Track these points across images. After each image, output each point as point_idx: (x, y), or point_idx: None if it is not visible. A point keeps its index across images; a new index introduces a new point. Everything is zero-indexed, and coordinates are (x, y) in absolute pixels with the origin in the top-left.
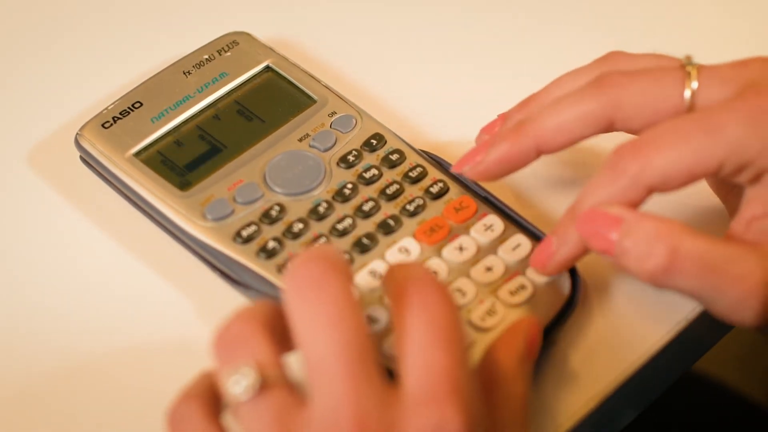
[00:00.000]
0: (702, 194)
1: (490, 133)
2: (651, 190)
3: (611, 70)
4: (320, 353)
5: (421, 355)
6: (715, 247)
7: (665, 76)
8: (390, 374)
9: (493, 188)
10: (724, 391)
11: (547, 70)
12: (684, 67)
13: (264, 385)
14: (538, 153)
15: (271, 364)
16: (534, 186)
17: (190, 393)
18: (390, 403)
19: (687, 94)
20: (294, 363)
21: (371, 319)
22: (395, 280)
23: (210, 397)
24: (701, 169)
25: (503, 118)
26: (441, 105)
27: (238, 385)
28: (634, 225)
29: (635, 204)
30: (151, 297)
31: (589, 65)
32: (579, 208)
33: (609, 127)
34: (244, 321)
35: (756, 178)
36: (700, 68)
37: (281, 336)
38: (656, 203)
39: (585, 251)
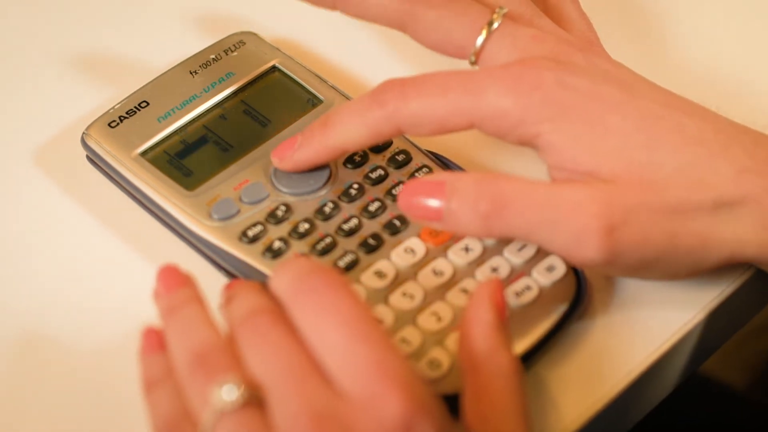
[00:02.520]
0: None
1: None
2: (400, 131)
3: None
4: (264, 376)
5: (343, 356)
6: (539, 183)
7: (468, 14)
8: None
9: None
10: (726, 393)
11: None
12: (491, 15)
13: (247, 402)
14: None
15: (252, 381)
16: None
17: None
18: (341, 407)
19: (479, 41)
20: None
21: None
22: (285, 289)
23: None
24: (452, 124)
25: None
26: None
27: (221, 398)
28: (456, 183)
29: (381, 137)
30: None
31: None
32: (329, 120)
33: (401, 29)
34: (212, 341)
35: (529, 142)
36: (504, 24)
37: None
38: None
39: (323, 160)
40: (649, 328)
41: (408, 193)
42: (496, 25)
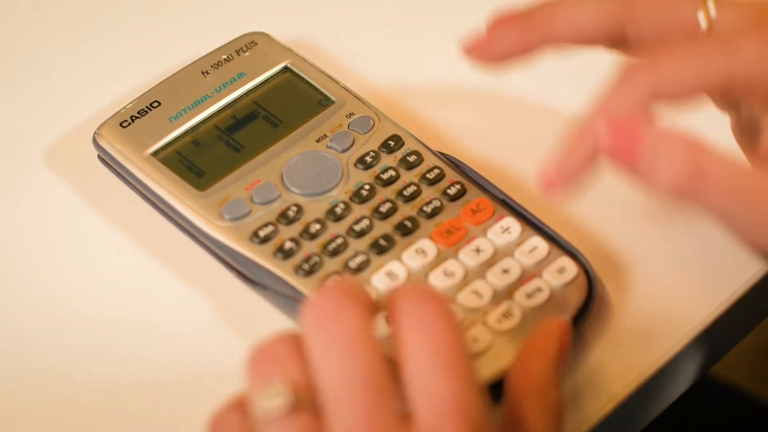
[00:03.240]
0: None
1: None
2: (658, 97)
3: None
4: (335, 383)
5: (424, 381)
6: (743, 167)
7: None
8: None
9: (511, 190)
10: (738, 395)
11: (567, 69)
12: None
13: (294, 407)
14: (545, 44)
15: (303, 387)
16: None
17: (235, 401)
18: (402, 427)
19: (702, 15)
20: None
21: (388, 321)
22: (393, 300)
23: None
24: (710, 81)
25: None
26: (459, 107)
27: (270, 401)
28: (662, 137)
29: (646, 111)
30: (168, 296)
31: None
32: (591, 114)
33: (620, 35)
34: (283, 342)
35: None
36: (718, 0)
37: None
38: None
39: (590, 164)
40: (661, 329)
41: (603, 130)
42: None
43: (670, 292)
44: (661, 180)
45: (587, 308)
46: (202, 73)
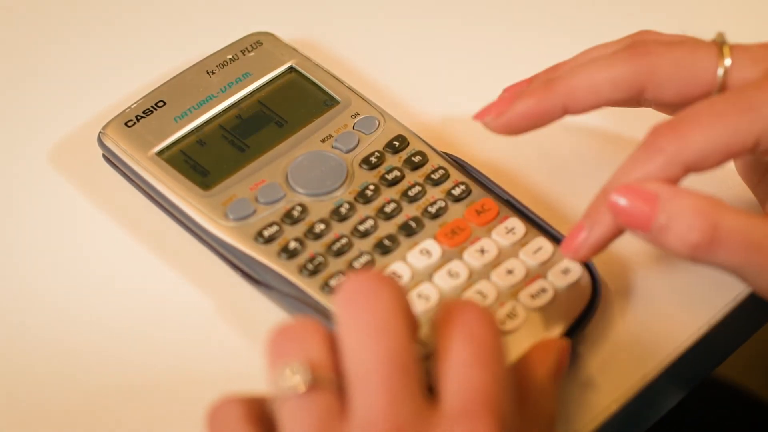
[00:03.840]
0: (731, 186)
1: (514, 91)
2: (688, 169)
3: (646, 38)
4: (362, 362)
5: (459, 372)
6: (757, 223)
7: (699, 50)
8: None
9: (515, 191)
10: (742, 395)
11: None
12: (717, 44)
13: (313, 385)
14: (565, 111)
15: (323, 366)
16: (556, 189)
17: (233, 395)
18: (427, 418)
19: (720, 70)
20: None
21: None
22: (442, 309)
23: (253, 402)
24: (738, 147)
25: (529, 80)
26: (465, 107)
27: (288, 379)
28: (672, 200)
29: (672, 184)
30: (173, 296)
31: (620, 39)
32: (612, 187)
33: (638, 95)
34: (304, 323)
35: None
36: (733, 47)
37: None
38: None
39: (617, 233)
40: (666, 330)
41: (617, 196)
42: (727, 47)
43: (673, 294)
44: (675, 245)
45: (591, 309)
46: (208, 72)
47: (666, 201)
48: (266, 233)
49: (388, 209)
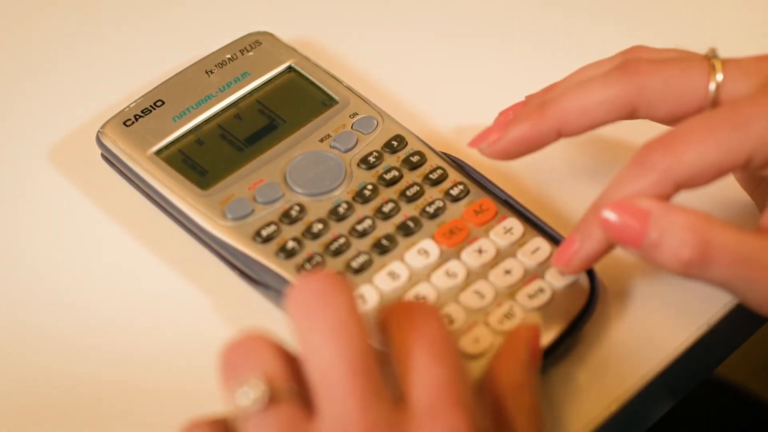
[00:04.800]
0: (731, 189)
1: (508, 116)
2: (679, 186)
3: (637, 57)
4: (325, 366)
5: (423, 372)
6: (747, 239)
7: (691, 67)
8: None
9: (514, 191)
10: (742, 396)
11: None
12: (709, 60)
13: (273, 398)
14: (559, 135)
15: (280, 377)
16: (555, 189)
17: (200, 418)
18: (398, 419)
19: (712, 86)
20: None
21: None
22: (385, 312)
23: (220, 424)
24: (730, 164)
25: (524, 103)
26: (463, 107)
27: (245, 396)
28: (664, 217)
29: (663, 200)
30: (171, 295)
31: (612, 57)
32: (604, 202)
33: (632, 114)
34: (252, 336)
35: None
36: (725, 61)
37: (293, 355)
38: (686, 197)
39: (609, 247)
40: (664, 331)
41: (609, 212)
42: (719, 62)
43: (671, 295)
44: (667, 261)
45: (589, 310)
46: (206, 72)
47: (658, 217)
48: (264, 233)
49: (386, 209)
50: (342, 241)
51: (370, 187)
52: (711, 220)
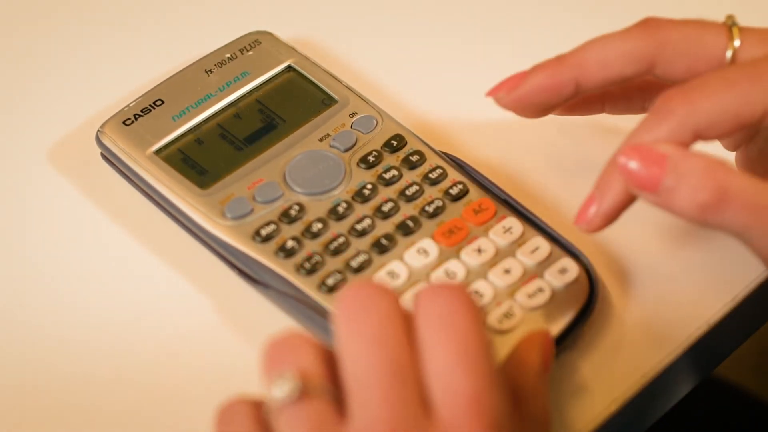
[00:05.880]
0: None
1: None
2: (697, 135)
3: (657, 17)
4: (361, 373)
5: (443, 378)
6: (764, 186)
7: (709, 28)
8: None
9: (513, 191)
10: (741, 396)
11: None
12: (726, 26)
13: (306, 394)
14: (578, 86)
15: (316, 375)
16: (554, 189)
17: (244, 395)
18: (424, 427)
19: (729, 52)
20: None
21: None
22: (417, 296)
23: (261, 405)
24: (748, 115)
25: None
26: (463, 107)
27: (280, 389)
28: (681, 161)
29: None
30: (170, 294)
31: (629, 27)
32: (623, 150)
33: (649, 69)
34: (297, 335)
35: None
36: (741, 28)
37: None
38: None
39: (628, 200)
40: (663, 331)
41: (626, 158)
42: (737, 29)
43: (671, 294)
44: (684, 206)
45: (588, 309)
46: (206, 71)
47: (675, 162)
48: (264, 232)
49: (385, 208)
50: (341, 240)
51: (369, 186)
52: (728, 166)
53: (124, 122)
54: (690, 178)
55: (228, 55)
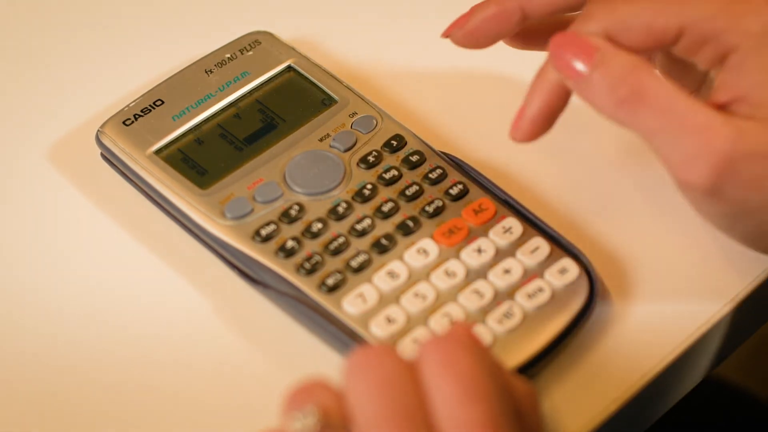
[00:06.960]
0: None
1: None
2: (610, 37)
3: None
4: (372, 412)
5: (452, 410)
6: (681, 96)
7: None
8: None
9: (513, 191)
10: (742, 395)
11: None
12: None
13: (326, 428)
14: (524, 14)
15: (334, 414)
16: (554, 189)
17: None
18: None
19: None
20: None
21: (389, 320)
22: (420, 346)
23: None
24: (660, 28)
25: None
26: (461, 107)
27: (300, 422)
28: (609, 55)
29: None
30: (170, 294)
31: None
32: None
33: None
34: (318, 379)
35: (719, 60)
36: None
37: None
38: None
39: (555, 104)
40: (663, 331)
41: (559, 44)
42: None
43: (671, 294)
44: (603, 98)
45: (588, 309)
46: (206, 71)
47: (603, 54)
48: (264, 232)
49: (385, 208)
50: (341, 240)
51: (369, 186)
52: (652, 69)
53: (124, 122)
54: (612, 72)
55: (228, 55)
